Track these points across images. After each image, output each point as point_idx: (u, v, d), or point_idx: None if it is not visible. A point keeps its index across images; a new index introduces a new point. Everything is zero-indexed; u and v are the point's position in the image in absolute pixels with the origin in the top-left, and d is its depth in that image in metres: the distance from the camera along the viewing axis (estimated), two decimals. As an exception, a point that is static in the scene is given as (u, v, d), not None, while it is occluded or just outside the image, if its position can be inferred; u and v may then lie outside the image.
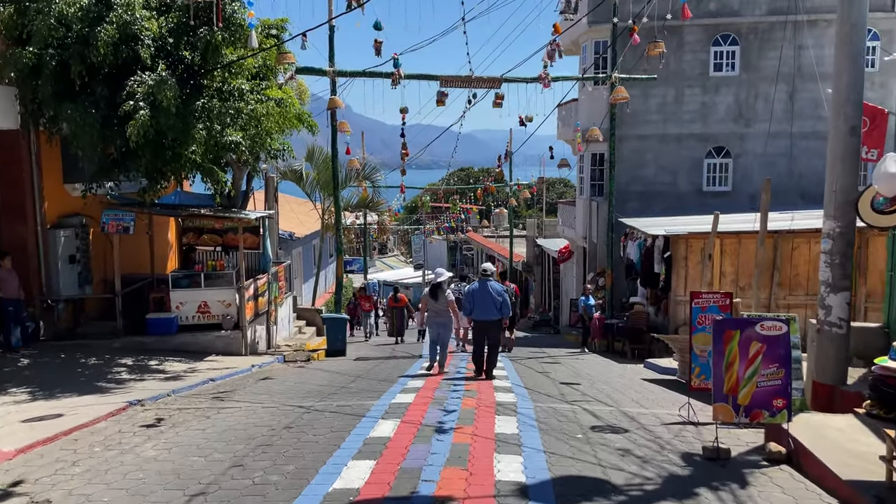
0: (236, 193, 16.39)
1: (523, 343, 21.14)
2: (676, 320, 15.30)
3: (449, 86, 16.21)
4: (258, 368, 13.25)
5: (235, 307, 14.66)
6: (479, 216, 44.39)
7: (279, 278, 17.53)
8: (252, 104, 12.11)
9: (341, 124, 16.62)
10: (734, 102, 20.86)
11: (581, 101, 22.27)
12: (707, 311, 8.25)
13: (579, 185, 22.77)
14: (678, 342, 11.69)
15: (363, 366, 13.61)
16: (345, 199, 23.16)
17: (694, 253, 15.17)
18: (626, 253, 19.11)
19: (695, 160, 21.18)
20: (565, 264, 26.08)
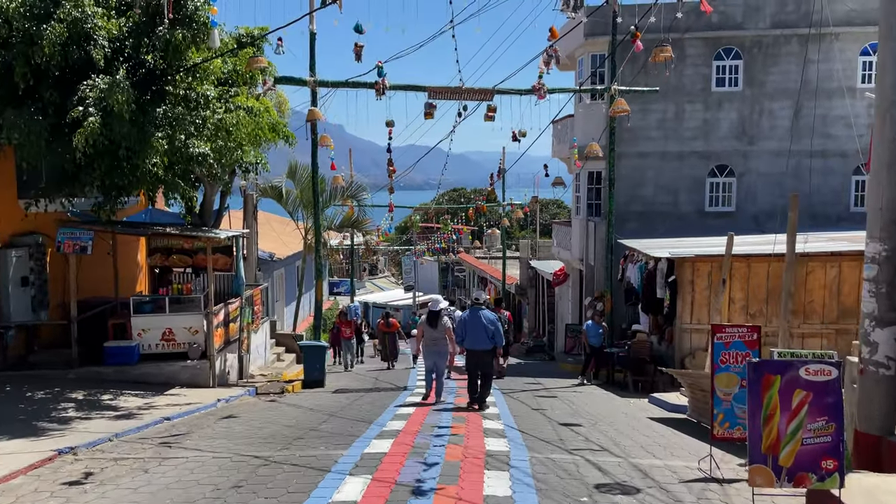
0: (207, 211, 15.24)
1: (516, 371, 19.92)
2: (682, 350, 14.16)
3: (437, 97, 15.18)
4: (224, 404, 12.02)
5: (203, 334, 13.45)
6: (472, 237, 43.34)
7: (255, 302, 16.34)
8: (220, 113, 11.01)
9: (323, 138, 15.54)
10: (737, 119, 19.93)
11: (577, 117, 21.32)
12: (731, 348, 7.12)
13: (575, 204, 21.74)
14: (688, 377, 10.54)
15: (341, 400, 12.39)
16: (329, 217, 22.03)
17: (701, 277, 14.08)
18: (625, 276, 18.01)
19: (696, 179, 20.19)
20: (560, 287, 24.97)
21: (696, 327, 14.10)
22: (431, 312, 11.38)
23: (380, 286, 60.67)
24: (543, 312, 29.00)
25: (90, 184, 10.96)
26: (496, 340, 10.61)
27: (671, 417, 10.75)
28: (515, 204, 28.81)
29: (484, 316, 10.61)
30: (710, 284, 14.04)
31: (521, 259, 32.34)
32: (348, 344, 20.39)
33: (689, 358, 13.97)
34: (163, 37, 10.07)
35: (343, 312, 21.51)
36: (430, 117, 15.62)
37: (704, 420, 10.06)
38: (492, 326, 10.50)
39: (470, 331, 10.58)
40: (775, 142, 19.88)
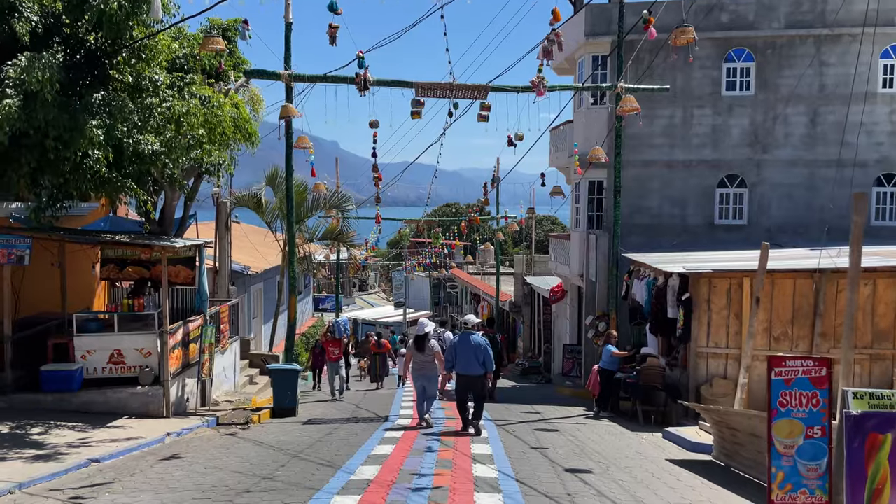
0: (168, 219, 13.68)
1: (511, 396, 18.33)
2: (697, 377, 12.61)
3: (426, 94, 13.70)
4: (174, 438, 10.39)
5: (157, 356, 11.84)
6: (464, 252, 41.83)
7: (221, 320, 14.72)
8: (169, 100, 9.49)
9: (300, 139, 14.03)
10: (749, 125, 18.55)
11: (577, 123, 19.91)
12: (794, 386, 5.57)
13: (574, 216, 20.26)
14: (714, 413, 8.98)
15: (311, 434, 10.77)
16: (310, 229, 20.46)
17: (718, 295, 12.57)
18: (630, 294, 16.48)
19: (705, 189, 18.76)
20: (558, 305, 23.44)
21: (714, 351, 12.57)
22: (418, 336, 11.18)
23: (370, 302, 59.01)
24: (539, 331, 27.43)
25: (17, 181, 9.41)
26: (486, 366, 10.49)
27: (694, 460, 9.18)
28: (510, 216, 27.32)
29: (474, 340, 10.53)
30: (730, 303, 12.54)
31: (515, 275, 30.83)
32: (335, 367, 17.09)
33: (706, 386, 12.42)
34: (97, 7, 8.55)
35: (330, 330, 18.03)
36: (418, 117, 14.14)
37: (735, 464, 8.51)
38: (482, 351, 10.41)
39: (461, 356, 10.51)
40: (790, 150, 18.50)
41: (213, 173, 11.97)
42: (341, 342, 17.53)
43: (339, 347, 17.26)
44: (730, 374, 12.53)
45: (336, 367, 17.17)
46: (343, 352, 17.85)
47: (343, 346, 17.83)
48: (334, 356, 17.16)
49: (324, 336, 17.94)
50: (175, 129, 9.54)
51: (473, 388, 10.52)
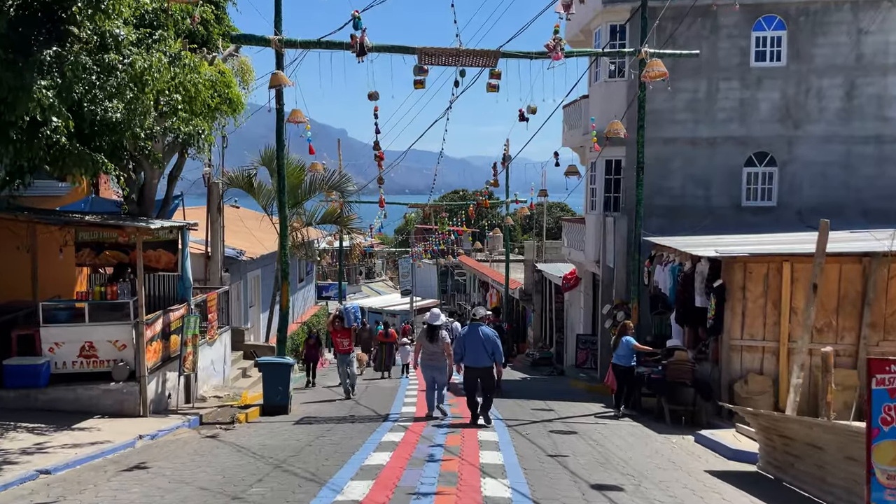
0: (149, 199, 12.52)
1: (522, 389, 17.18)
2: (731, 372, 11.38)
3: (430, 61, 12.44)
4: (146, 442, 9.28)
5: (133, 350, 10.73)
6: (472, 238, 40.56)
7: (209, 309, 13.59)
8: (131, 57, 8.28)
9: (294, 113, 12.78)
10: (780, 99, 17.17)
11: (593, 98, 18.58)
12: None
13: (590, 198, 18.99)
14: (763, 418, 7.74)
15: (300, 436, 9.64)
16: (308, 212, 19.26)
17: (755, 282, 11.31)
18: (651, 281, 15.25)
19: (732, 169, 17.42)
20: (571, 293, 22.21)
21: (749, 344, 11.33)
22: (430, 327, 11.10)
23: (377, 290, 57.88)
24: (550, 320, 26.22)
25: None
26: (496, 357, 10.37)
27: (737, 471, 7.97)
28: (521, 200, 26.03)
29: (483, 332, 10.40)
30: (767, 290, 11.28)
31: (525, 262, 29.59)
32: (345, 360, 14.53)
33: (741, 383, 11.20)
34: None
35: (338, 317, 14.99)
36: (421, 86, 12.88)
37: (788, 479, 7.30)
38: (491, 343, 10.31)
39: (469, 348, 10.37)
40: (824, 125, 17.13)
41: (192, 144, 10.75)
42: (351, 332, 14.83)
43: (348, 338, 14.60)
44: (766, 370, 11.31)
45: (346, 360, 14.55)
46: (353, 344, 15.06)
47: (353, 337, 15.13)
48: (344, 348, 14.53)
49: (331, 324, 15.15)
50: (137, 89, 8.33)
51: (482, 380, 10.44)
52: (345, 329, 14.71)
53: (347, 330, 14.72)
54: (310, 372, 17.34)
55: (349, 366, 14.61)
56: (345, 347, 14.59)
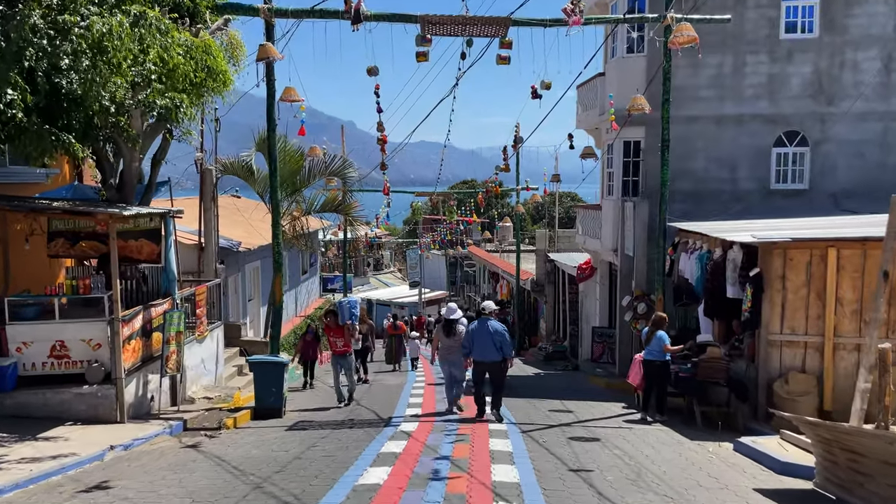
0: (129, 184, 11.49)
1: (536, 386, 16.14)
2: (769, 370, 10.27)
3: (434, 31, 11.35)
4: (117, 454, 8.29)
5: (108, 349, 9.75)
6: (482, 228, 39.45)
7: (198, 303, 12.59)
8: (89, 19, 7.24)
9: (287, 90, 11.70)
10: (812, 74, 15.94)
11: (609, 76, 17.39)
12: None
13: (606, 182, 17.84)
14: (825, 429, 6.62)
15: (291, 445, 8.62)
16: (307, 199, 18.22)
17: (796, 270, 10.17)
18: (675, 270, 14.13)
19: (760, 149, 16.22)
20: (586, 284, 21.08)
21: (791, 339, 10.20)
22: (448, 321, 11.11)
23: (385, 282, 56.91)
24: (564, 312, 25.10)
25: None
26: (504, 351, 10.34)
27: (790, 489, 6.88)
28: (532, 187, 24.88)
29: (491, 326, 10.34)
30: (809, 280, 10.14)
31: (537, 252, 28.43)
32: (341, 363, 12.46)
33: (780, 382, 10.08)
34: None
35: (330, 311, 13.04)
36: (424, 59, 11.79)
37: (855, 500, 6.19)
38: (499, 337, 10.29)
39: (477, 342, 10.32)
40: (860, 101, 15.87)
41: (170, 118, 9.70)
42: (346, 330, 12.51)
43: (342, 337, 12.45)
44: (809, 367, 10.19)
45: (342, 363, 12.50)
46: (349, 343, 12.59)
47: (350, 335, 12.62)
48: (338, 349, 12.46)
49: (324, 319, 13.18)
50: (94, 56, 7.28)
51: (491, 374, 10.37)
52: (338, 326, 12.51)
53: (340, 328, 12.48)
54: (307, 372, 15.50)
55: (346, 370, 12.55)
56: (339, 348, 12.46)
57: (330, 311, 13.12)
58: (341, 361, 12.51)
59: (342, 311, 12.72)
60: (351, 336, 12.55)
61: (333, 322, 12.67)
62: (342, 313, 12.72)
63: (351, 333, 12.51)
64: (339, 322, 12.61)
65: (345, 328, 12.50)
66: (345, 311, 12.70)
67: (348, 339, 12.53)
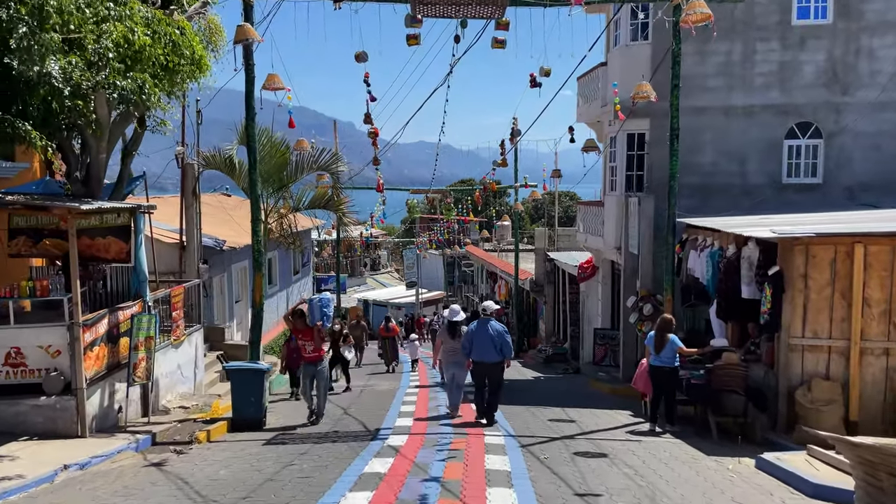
0: (95, 177, 10.66)
1: (535, 391, 15.33)
2: (790, 376, 9.45)
3: (425, 12, 10.47)
4: (73, 473, 7.46)
5: (69, 357, 8.91)
6: (480, 227, 38.64)
7: (174, 305, 11.74)
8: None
9: (271, 77, 10.87)
10: (826, 61, 15.13)
11: (611, 66, 16.57)
12: None
13: (609, 177, 17.02)
14: (867, 451, 5.78)
15: (265, 464, 7.78)
16: (294, 195, 17.39)
17: (819, 269, 9.36)
18: (684, 268, 13.33)
19: (771, 142, 15.41)
20: (587, 283, 20.27)
21: (813, 343, 9.38)
22: (451, 323, 11.00)
23: (382, 282, 56.05)
24: (564, 313, 24.30)
25: None
26: (504, 352, 10.23)
27: (827, 516, 6.07)
28: (531, 185, 24.07)
29: (492, 327, 10.23)
30: (834, 278, 9.32)
31: (536, 251, 27.62)
32: (311, 371, 10.67)
33: (803, 390, 9.26)
34: None
35: (296, 311, 11.17)
36: (416, 43, 11.02)
37: (907, 533, 5.33)
38: (500, 338, 10.17)
39: (477, 343, 10.20)
40: (876, 91, 15.07)
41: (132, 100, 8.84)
42: (314, 332, 10.66)
43: (311, 340, 10.61)
44: (833, 374, 9.38)
45: (312, 371, 10.66)
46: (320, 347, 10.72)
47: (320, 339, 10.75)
48: (308, 354, 10.66)
49: (291, 322, 11.27)
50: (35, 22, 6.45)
51: (490, 375, 10.23)
52: (307, 328, 10.73)
53: (310, 329, 10.71)
54: (294, 380, 13.79)
55: (316, 379, 10.69)
56: (309, 354, 10.65)
57: (297, 312, 11.16)
58: (312, 370, 10.67)
59: (312, 311, 10.97)
60: (322, 340, 10.80)
61: (302, 323, 10.83)
62: (312, 313, 10.94)
63: (322, 336, 10.77)
64: (308, 323, 10.82)
65: (314, 330, 10.70)
66: (315, 310, 10.95)
67: (320, 344, 10.73)
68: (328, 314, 10.99)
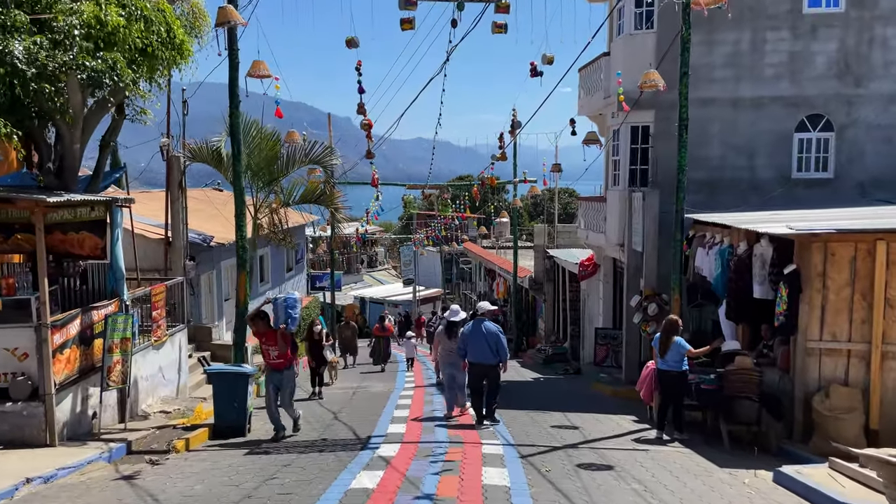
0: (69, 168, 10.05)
1: (534, 395, 14.74)
2: (807, 382, 8.88)
3: (419, -7, 9.93)
4: (36, 487, 6.88)
5: (36, 360, 8.32)
6: (477, 224, 38.03)
7: (154, 304, 11.15)
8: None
9: (257, 65, 10.29)
10: (838, 51, 14.54)
11: (614, 55, 15.96)
12: None
13: (612, 171, 16.43)
14: None
15: (243, 478, 7.20)
16: (285, 189, 16.78)
17: (838, 267, 8.79)
18: (691, 266, 12.77)
19: (780, 134, 14.83)
20: (588, 281, 19.70)
21: (832, 346, 8.82)
22: (450, 323, 10.89)
23: (379, 279, 55.46)
24: (564, 312, 23.73)
25: None
26: (500, 354, 10.03)
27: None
28: (530, 180, 23.48)
29: (486, 328, 10.06)
30: (854, 278, 8.76)
31: (536, 248, 27.02)
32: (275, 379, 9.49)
33: (820, 396, 8.70)
34: None
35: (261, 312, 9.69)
36: (410, 27, 10.41)
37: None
38: (493, 339, 9.99)
39: (472, 344, 10.06)
40: (891, 82, 14.50)
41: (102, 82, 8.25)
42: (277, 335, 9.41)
43: (275, 344, 9.39)
44: (853, 380, 8.81)
45: (277, 379, 9.49)
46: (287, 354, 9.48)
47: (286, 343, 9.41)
48: (272, 360, 9.48)
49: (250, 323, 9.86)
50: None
51: (487, 377, 10.07)
52: (270, 331, 9.47)
53: (273, 332, 9.45)
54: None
55: (281, 389, 9.49)
56: (272, 359, 9.45)
57: (260, 313, 9.63)
58: (277, 378, 9.46)
59: (277, 312, 9.55)
60: (288, 344, 9.46)
61: (265, 326, 9.50)
62: (276, 314, 9.54)
63: (287, 341, 9.44)
64: (272, 325, 9.53)
65: (278, 334, 9.41)
66: (279, 311, 9.52)
67: (285, 349, 9.42)
68: (294, 316, 9.51)
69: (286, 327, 9.36)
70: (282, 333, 9.36)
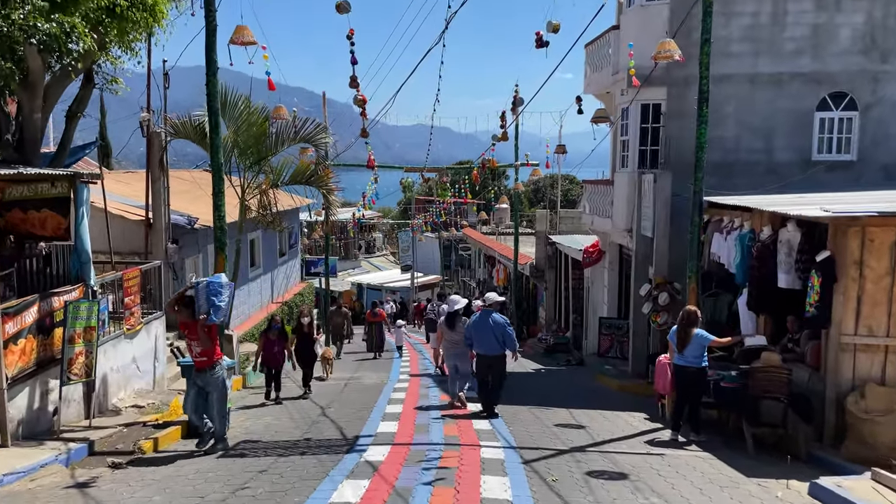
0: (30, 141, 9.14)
1: (536, 388, 13.94)
2: (840, 381, 8.06)
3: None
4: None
5: (-14, 352, 7.47)
6: (477, 209, 37.15)
7: (127, 290, 10.29)
8: None
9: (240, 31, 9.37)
10: (864, 24, 13.62)
11: (624, 29, 15.01)
12: None
13: (620, 152, 15.54)
14: None
15: (211, 487, 6.37)
16: (274, 168, 15.86)
17: (877, 254, 7.93)
18: (708, 253, 11.92)
19: (801, 114, 13.94)
20: (593, 269, 18.86)
21: (868, 341, 7.98)
22: (450, 313, 10.77)
23: (377, 265, 54.60)
24: (566, 300, 22.92)
25: None
26: (507, 345, 9.95)
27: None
28: (532, 163, 22.56)
29: (493, 319, 9.92)
30: (894, 266, 7.90)
31: (537, 234, 26.16)
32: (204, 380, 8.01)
33: (854, 396, 7.87)
34: None
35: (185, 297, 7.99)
36: None
37: None
38: (500, 330, 9.86)
39: (477, 335, 9.98)
40: (919, 58, 13.59)
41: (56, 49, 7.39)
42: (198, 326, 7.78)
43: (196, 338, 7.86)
44: (891, 378, 7.99)
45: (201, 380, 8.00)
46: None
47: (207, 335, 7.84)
48: (195, 357, 7.97)
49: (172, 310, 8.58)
50: None
51: (493, 368, 9.96)
52: (192, 321, 7.87)
53: (195, 323, 7.83)
54: (270, 381, 11.47)
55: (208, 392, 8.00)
56: (196, 356, 7.95)
57: (184, 298, 7.99)
58: (203, 378, 7.96)
59: (198, 299, 7.75)
60: (211, 339, 7.89)
61: (188, 314, 7.89)
62: (198, 301, 7.74)
63: (209, 335, 7.85)
64: (194, 315, 7.81)
65: (198, 325, 7.77)
66: (201, 297, 7.71)
67: (208, 344, 7.84)
68: (219, 306, 7.69)
69: (206, 318, 7.62)
70: (202, 325, 7.69)
